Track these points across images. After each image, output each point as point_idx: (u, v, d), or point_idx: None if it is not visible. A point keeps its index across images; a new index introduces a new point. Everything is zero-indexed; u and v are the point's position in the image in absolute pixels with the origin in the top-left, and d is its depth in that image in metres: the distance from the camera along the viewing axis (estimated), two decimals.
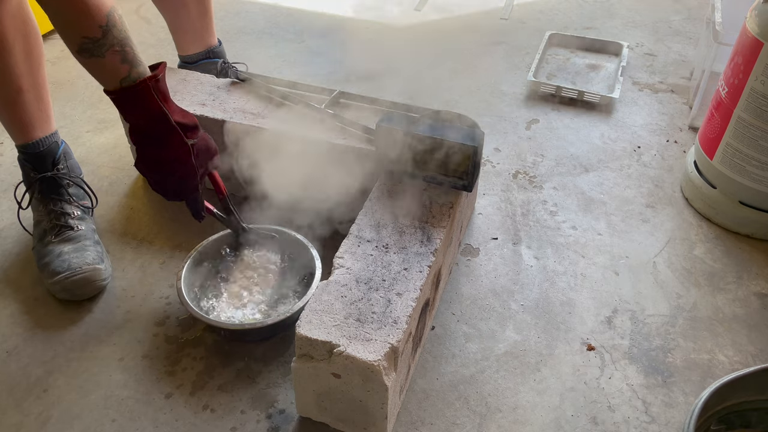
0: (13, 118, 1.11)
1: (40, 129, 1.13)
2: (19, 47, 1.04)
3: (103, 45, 0.85)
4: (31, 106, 1.10)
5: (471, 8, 2.05)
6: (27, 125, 1.12)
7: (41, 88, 1.12)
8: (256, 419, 0.92)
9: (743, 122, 1.15)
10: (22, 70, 1.06)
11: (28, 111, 1.10)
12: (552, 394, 0.96)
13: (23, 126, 1.12)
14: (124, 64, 0.87)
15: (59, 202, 1.14)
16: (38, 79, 1.10)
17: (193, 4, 1.34)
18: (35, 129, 1.13)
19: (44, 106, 1.13)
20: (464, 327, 1.05)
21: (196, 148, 0.95)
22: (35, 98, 1.10)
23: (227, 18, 1.97)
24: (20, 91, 1.08)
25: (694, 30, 1.92)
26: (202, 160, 0.98)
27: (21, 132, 1.12)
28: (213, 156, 1.01)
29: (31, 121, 1.12)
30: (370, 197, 1.04)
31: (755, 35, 1.09)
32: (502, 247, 1.20)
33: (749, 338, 1.04)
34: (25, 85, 1.08)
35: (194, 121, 0.96)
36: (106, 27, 0.84)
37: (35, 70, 1.09)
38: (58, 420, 0.92)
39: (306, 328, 0.82)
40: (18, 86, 1.07)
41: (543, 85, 1.61)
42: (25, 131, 1.12)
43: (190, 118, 0.96)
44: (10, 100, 1.08)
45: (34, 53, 1.08)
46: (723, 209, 1.23)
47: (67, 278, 1.05)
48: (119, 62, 0.86)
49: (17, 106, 1.09)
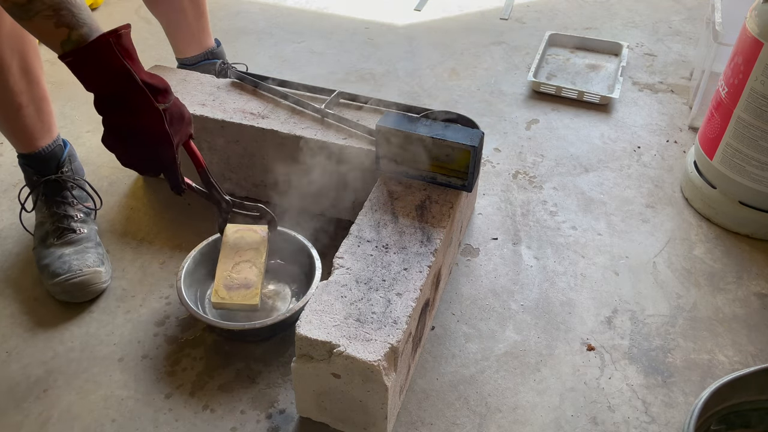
0: (13, 133, 1.11)
1: (42, 139, 1.13)
2: (16, 65, 1.03)
3: (30, 10, 0.78)
4: (31, 120, 1.09)
5: (471, 8, 2.05)
6: (29, 138, 1.11)
7: (41, 101, 1.10)
8: (256, 419, 0.92)
9: (743, 122, 1.15)
10: (21, 87, 1.05)
11: (29, 125, 1.10)
12: (552, 394, 0.96)
13: (25, 139, 1.11)
14: (60, 28, 0.79)
15: (62, 205, 1.13)
16: (37, 93, 1.09)
17: (188, 7, 1.33)
18: (37, 140, 1.12)
19: (45, 117, 1.12)
20: (464, 327, 1.05)
21: (168, 114, 0.86)
22: (35, 111, 1.09)
23: (227, 18, 1.97)
24: (20, 108, 1.07)
25: (694, 30, 1.92)
26: (177, 127, 0.89)
27: (23, 144, 1.12)
28: (188, 123, 0.92)
29: (32, 133, 1.11)
30: (370, 197, 1.04)
31: (755, 35, 1.09)
32: (502, 247, 1.20)
33: (749, 338, 1.04)
34: (24, 101, 1.07)
35: (165, 84, 0.87)
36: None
37: (34, 85, 1.08)
38: (58, 420, 0.92)
39: (306, 328, 0.82)
40: (18, 104, 1.06)
41: (543, 85, 1.61)
42: (27, 143, 1.12)
43: (160, 80, 0.86)
44: (9, 118, 1.08)
45: (31, 70, 1.06)
46: (723, 209, 1.23)
47: (67, 280, 1.05)
48: (53, 27, 0.79)
49: (18, 122, 1.08)
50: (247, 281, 1.00)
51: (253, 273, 1.01)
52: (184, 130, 0.92)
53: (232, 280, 1.00)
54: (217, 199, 1.02)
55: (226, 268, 1.01)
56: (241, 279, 1.00)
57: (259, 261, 1.02)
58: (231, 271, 1.01)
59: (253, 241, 1.04)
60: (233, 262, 1.02)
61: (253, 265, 1.02)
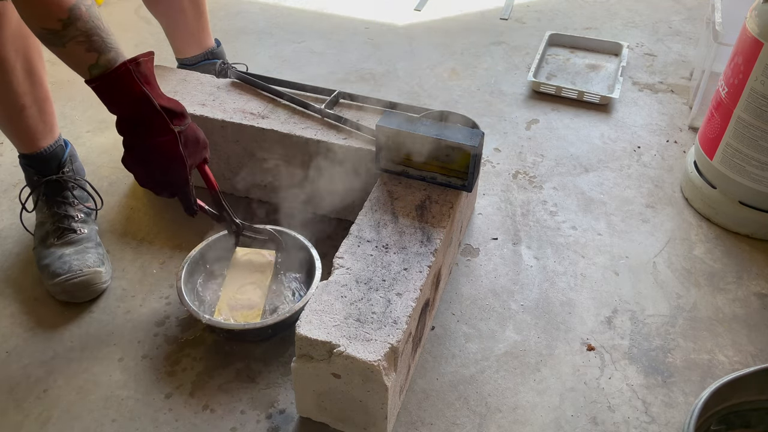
0: (16, 133, 1.11)
1: (44, 140, 1.13)
2: (20, 67, 1.03)
3: (64, 36, 0.81)
4: (34, 121, 1.10)
5: (471, 8, 2.05)
6: (31, 138, 1.12)
7: (43, 102, 1.11)
8: (256, 419, 0.92)
9: (743, 122, 1.15)
10: (24, 89, 1.06)
11: (32, 125, 1.10)
12: (552, 394, 0.96)
13: (27, 139, 1.12)
14: (90, 53, 0.83)
15: (63, 205, 1.13)
16: (40, 94, 1.09)
17: (188, 7, 1.33)
18: (39, 141, 1.12)
19: (47, 117, 1.12)
20: (464, 327, 1.05)
21: (183, 136, 0.90)
22: (38, 112, 1.10)
23: (227, 18, 1.97)
24: (23, 109, 1.07)
25: (694, 30, 1.92)
26: (192, 150, 0.93)
27: (25, 144, 1.12)
28: (203, 147, 0.96)
29: (35, 134, 1.11)
30: (370, 197, 1.04)
31: (755, 35, 1.09)
32: (502, 247, 1.20)
33: (749, 338, 1.04)
34: (28, 102, 1.07)
35: (181, 108, 0.91)
36: (68, 20, 0.81)
37: (37, 86, 1.08)
38: (58, 420, 0.92)
39: (306, 328, 0.82)
40: (21, 105, 1.06)
41: (543, 85, 1.61)
42: (29, 143, 1.12)
43: (177, 105, 0.91)
44: (13, 118, 1.08)
45: (35, 71, 1.07)
46: (723, 209, 1.23)
47: (67, 280, 1.05)
48: (84, 51, 0.83)
49: (20, 123, 1.09)
50: (251, 302, 1.02)
51: (257, 295, 1.03)
52: (199, 154, 0.95)
53: (236, 300, 1.02)
54: (229, 223, 1.05)
55: (231, 289, 1.04)
56: (244, 300, 1.02)
57: (264, 284, 1.04)
58: (236, 292, 1.03)
59: (260, 264, 1.07)
60: (239, 284, 1.04)
61: (257, 287, 1.04)
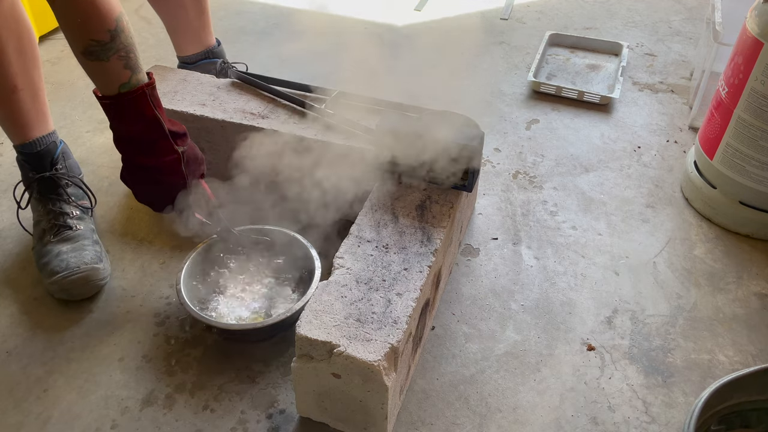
0: (9, 117, 1.11)
1: (37, 129, 1.13)
2: (12, 46, 1.04)
3: (110, 49, 0.85)
4: (26, 105, 1.10)
5: (471, 8, 2.05)
6: (23, 125, 1.12)
7: (37, 87, 1.12)
8: (256, 419, 0.92)
9: (743, 122, 1.15)
10: (16, 69, 1.06)
11: (24, 110, 1.10)
12: (552, 395, 0.96)
13: (20, 126, 1.12)
14: (126, 70, 0.87)
15: (58, 202, 1.14)
16: (33, 78, 1.10)
17: (190, 4, 1.34)
18: (32, 129, 1.13)
19: (40, 105, 1.13)
20: (464, 327, 1.05)
21: (186, 156, 0.97)
22: (31, 97, 1.11)
23: (227, 18, 1.97)
24: (15, 90, 1.08)
25: (694, 30, 1.92)
26: (192, 167, 0.99)
27: (18, 132, 1.13)
28: (200, 163, 1.02)
29: (27, 120, 1.12)
30: (370, 197, 1.04)
31: (755, 35, 1.09)
32: (502, 247, 1.20)
33: (749, 338, 1.04)
34: (20, 84, 1.08)
35: (183, 129, 0.98)
36: (115, 31, 0.85)
37: (30, 69, 1.09)
38: (58, 420, 0.92)
39: (306, 328, 0.82)
40: (13, 85, 1.07)
41: (543, 85, 1.61)
42: (22, 131, 1.12)
43: (179, 126, 0.97)
44: (5, 99, 1.09)
45: (27, 52, 1.08)
46: (723, 209, 1.23)
47: (65, 278, 1.05)
48: (122, 68, 0.87)
49: (13, 105, 1.09)
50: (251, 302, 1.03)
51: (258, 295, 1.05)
52: (198, 170, 1.01)
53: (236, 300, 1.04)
54: (224, 232, 1.07)
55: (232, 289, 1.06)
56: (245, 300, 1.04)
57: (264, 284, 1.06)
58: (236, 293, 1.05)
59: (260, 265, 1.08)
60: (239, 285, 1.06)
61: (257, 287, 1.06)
